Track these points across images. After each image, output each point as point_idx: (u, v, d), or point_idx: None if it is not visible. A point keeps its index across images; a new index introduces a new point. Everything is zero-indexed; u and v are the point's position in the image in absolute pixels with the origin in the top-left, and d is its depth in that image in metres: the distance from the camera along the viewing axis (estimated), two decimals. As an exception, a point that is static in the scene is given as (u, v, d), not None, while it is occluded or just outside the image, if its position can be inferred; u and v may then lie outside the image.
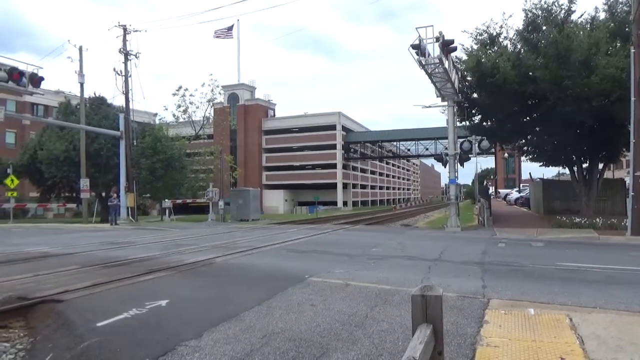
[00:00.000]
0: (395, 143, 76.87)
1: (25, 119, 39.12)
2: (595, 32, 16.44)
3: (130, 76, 26.47)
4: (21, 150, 32.93)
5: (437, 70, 15.71)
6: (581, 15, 18.79)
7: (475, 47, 19.33)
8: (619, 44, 17.34)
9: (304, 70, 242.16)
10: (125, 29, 26.31)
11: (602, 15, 18.53)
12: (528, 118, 20.23)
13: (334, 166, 70.60)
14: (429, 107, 19.77)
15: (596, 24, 17.78)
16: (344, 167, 72.86)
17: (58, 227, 22.98)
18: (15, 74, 18.15)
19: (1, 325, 5.05)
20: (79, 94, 27.91)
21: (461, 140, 19.31)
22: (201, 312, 5.37)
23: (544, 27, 17.77)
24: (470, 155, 19.11)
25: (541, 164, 24.92)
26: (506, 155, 47.59)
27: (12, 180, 26.64)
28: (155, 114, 49.80)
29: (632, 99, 14.25)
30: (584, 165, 21.69)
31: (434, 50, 15.11)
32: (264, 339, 4.39)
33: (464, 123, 21.79)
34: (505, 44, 19.18)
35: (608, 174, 32.06)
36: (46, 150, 29.05)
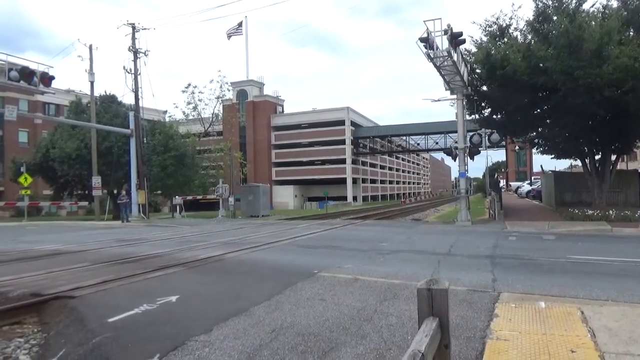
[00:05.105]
0: (404, 137, 76.51)
1: (37, 118, 39.75)
2: (608, 22, 16.13)
3: (139, 74, 26.59)
4: (34, 149, 33.44)
5: (445, 63, 15.59)
6: (593, 5, 18.43)
7: (484, 39, 19.09)
8: (632, 33, 17.02)
9: (309, 67, 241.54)
10: (134, 27, 26.41)
11: (614, 4, 18.19)
12: (539, 110, 19.95)
13: (343, 161, 70.54)
14: (438, 100, 19.62)
15: (608, 13, 17.45)
16: (354, 162, 72.75)
17: (70, 225, 23.28)
18: (26, 74, 18.40)
19: (15, 321, 5.15)
20: (89, 93, 28.24)
21: (471, 133, 19.19)
22: (211, 307, 5.41)
23: (555, 18, 17.48)
24: (480, 149, 18.98)
25: (552, 156, 24.61)
26: (517, 148, 47.04)
27: (25, 178, 27.07)
28: (165, 112, 50.13)
29: (646, 88, 14.02)
30: (596, 157, 21.37)
31: (442, 43, 15.01)
32: (273, 333, 4.41)
33: (473, 116, 21.56)
34: (515, 35, 18.90)
35: (621, 166, 31.58)
36: (58, 149, 29.48)
